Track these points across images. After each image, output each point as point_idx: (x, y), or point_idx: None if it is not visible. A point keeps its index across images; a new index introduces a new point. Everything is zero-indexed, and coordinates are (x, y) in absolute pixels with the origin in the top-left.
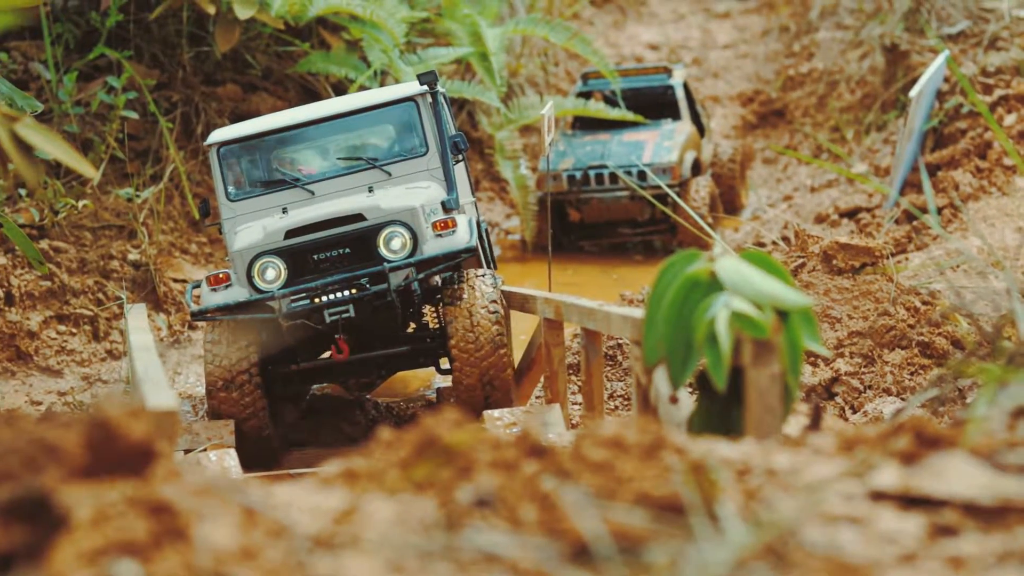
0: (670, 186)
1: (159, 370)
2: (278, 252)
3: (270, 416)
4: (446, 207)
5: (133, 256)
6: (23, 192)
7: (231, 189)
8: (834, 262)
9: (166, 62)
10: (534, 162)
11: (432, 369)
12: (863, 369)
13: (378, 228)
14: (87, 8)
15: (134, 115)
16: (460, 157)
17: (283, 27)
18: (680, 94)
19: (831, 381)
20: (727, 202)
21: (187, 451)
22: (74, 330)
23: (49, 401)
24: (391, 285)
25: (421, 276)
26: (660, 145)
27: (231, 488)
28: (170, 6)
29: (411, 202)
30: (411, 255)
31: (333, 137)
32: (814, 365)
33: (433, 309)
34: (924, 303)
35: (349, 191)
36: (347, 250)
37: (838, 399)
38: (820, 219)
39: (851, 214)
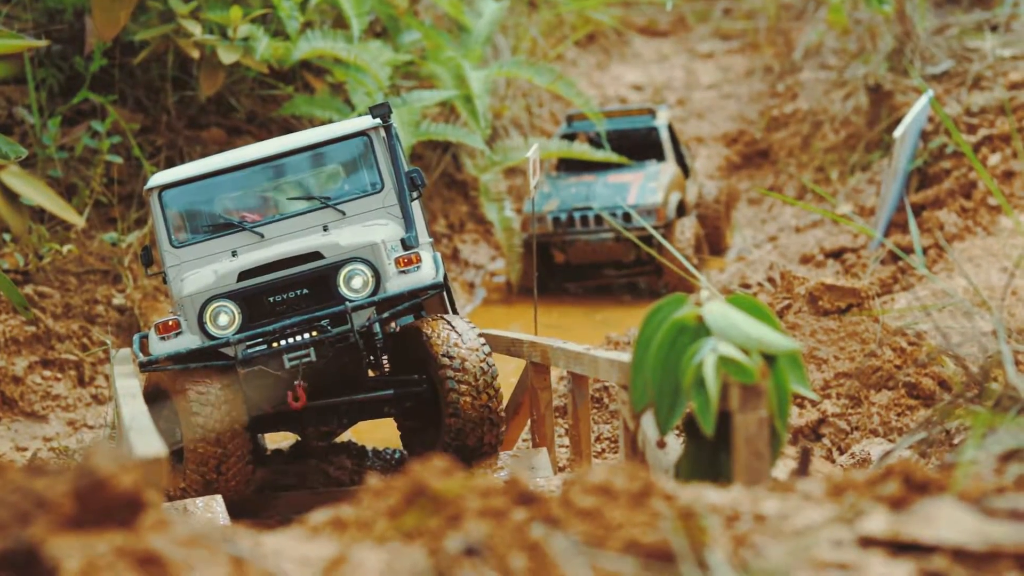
0: (655, 227)
1: (146, 417)
2: (231, 296)
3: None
4: (405, 245)
5: (118, 301)
6: (8, 237)
7: (175, 235)
8: (820, 303)
9: (150, 106)
10: (519, 204)
11: None
12: (850, 410)
13: (337, 266)
14: (71, 53)
15: (118, 159)
16: (416, 194)
17: (267, 71)
18: (664, 135)
19: (818, 422)
20: (712, 243)
21: (171, 497)
22: (59, 375)
23: (35, 447)
24: (354, 326)
25: (386, 315)
26: (645, 186)
27: (220, 537)
28: (154, 50)
29: (372, 237)
30: (374, 293)
31: (282, 176)
32: (801, 406)
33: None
34: (910, 344)
35: (301, 232)
36: (305, 291)
37: (825, 440)
38: (805, 260)
39: (836, 254)
